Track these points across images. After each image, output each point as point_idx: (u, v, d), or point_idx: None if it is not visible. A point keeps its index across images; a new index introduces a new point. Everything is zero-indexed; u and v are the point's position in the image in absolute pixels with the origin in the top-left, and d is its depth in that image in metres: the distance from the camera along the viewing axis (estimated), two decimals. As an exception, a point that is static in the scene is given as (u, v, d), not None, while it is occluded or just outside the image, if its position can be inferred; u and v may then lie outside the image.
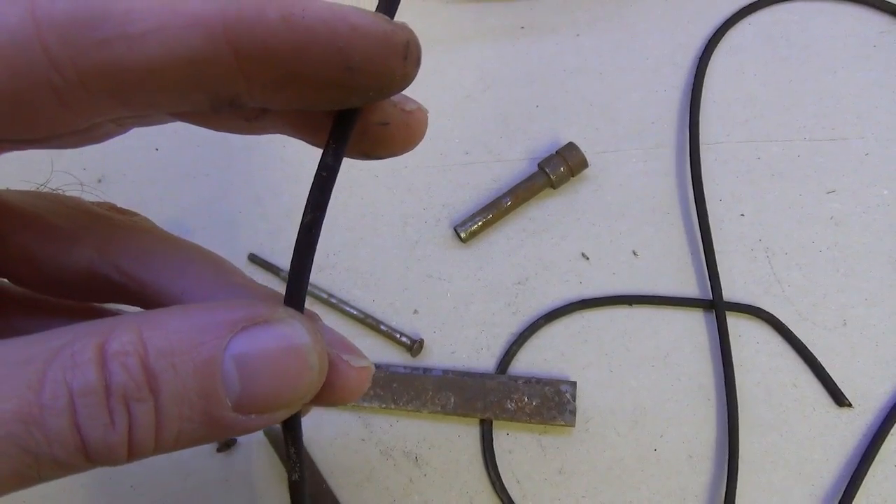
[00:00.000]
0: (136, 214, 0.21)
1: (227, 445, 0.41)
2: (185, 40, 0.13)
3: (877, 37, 0.49)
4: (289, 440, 0.18)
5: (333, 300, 0.43)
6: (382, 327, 0.43)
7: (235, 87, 0.14)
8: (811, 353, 0.41)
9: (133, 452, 0.14)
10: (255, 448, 0.41)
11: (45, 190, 0.21)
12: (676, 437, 0.40)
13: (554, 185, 0.45)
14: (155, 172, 0.47)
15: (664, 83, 0.48)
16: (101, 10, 0.13)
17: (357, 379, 0.18)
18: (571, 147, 0.45)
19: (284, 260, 0.45)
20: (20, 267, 0.19)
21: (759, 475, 0.39)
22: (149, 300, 0.19)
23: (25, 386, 0.13)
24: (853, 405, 0.40)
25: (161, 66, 0.13)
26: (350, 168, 0.47)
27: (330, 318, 0.43)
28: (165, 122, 0.18)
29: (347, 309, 0.43)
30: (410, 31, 0.15)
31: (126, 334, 0.14)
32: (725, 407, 0.40)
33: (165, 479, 0.41)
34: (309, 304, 0.44)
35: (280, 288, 0.19)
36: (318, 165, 0.16)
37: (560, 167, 0.44)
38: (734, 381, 0.40)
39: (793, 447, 0.40)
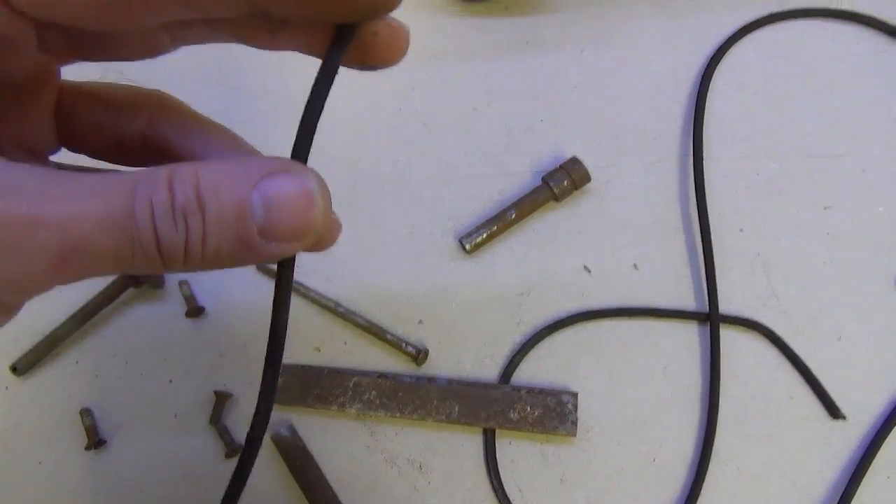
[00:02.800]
0: (176, 98, 0.26)
1: (234, 452, 0.42)
2: None
3: (874, 56, 0.50)
4: (283, 280, 0.22)
5: (341, 309, 0.44)
6: (388, 336, 0.43)
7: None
8: (807, 366, 0.42)
9: (188, 257, 0.18)
10: (263, 455, 0.41)
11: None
12: (675, 448, 0.41)
13: (557, 199, 0.46)
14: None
15: (666, 99, 0.49)
16: None
17: (330, 231, 0.24)
18: (575, 161, 0.46)
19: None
20: (91, 138, 0.25)
21: (755, 486, 0.40)
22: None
23: (123, 196, 0.17)
24: (847, 418, 0.41)
25: None
26: (358, 179, 0.48)
27: (337, 327, 0.44)
28: (209, 41, 0.23)
29: (354, 318, 0.44)
30: None
31: (186, 170, 0.18)
32: (717, 416, 0.41)
33: (174, 486, 0.41)
34: (316, 312, 0.45)
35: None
36: (322, 64, 0.21)
37: (564, 181, 0.45)
38: (718, 390, 0.42)
39: (788, 458, 0.40)
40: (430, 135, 0.49)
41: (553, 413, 0.41)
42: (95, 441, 0.42)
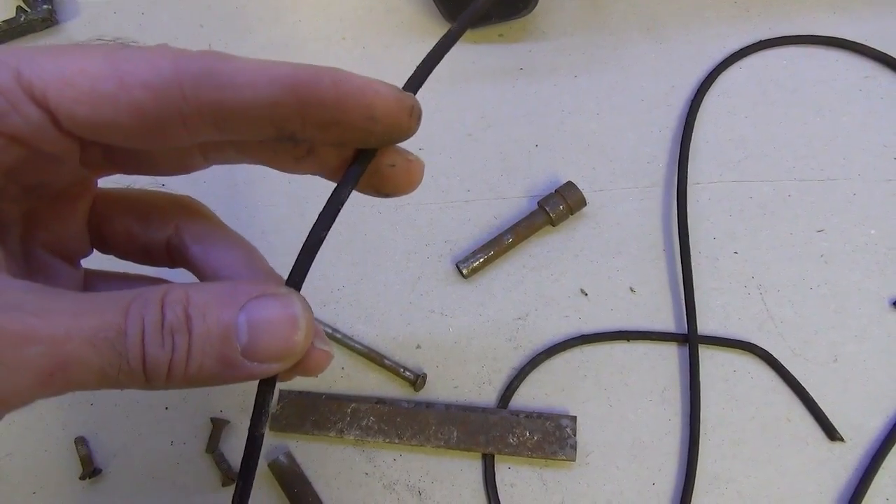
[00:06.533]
0: (203, 205, 0.28)
1: (231, 480, 0.41)
2: (267, 91, 0.19)
3: (861, 81, 0.51)
4: (260, 398, 0.22)
5: (338, 335, 0.44)
6: (386, 362, 0.43)
7: (295, 125, 0.20)
8: (804, 388, 0.42)
9: (171, 374, 0.19)
10: (261, 482, 0.41)
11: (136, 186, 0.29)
12: (674, 471, 0.41)
13: (553, 223, 0.46)
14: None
15: (658, 124, 0.50)
16: (218, 67, 0.19)
17: (318, 358, 0.23)
18: (570, 186, 0.46)
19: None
20: (122, 243, 0.26)
21: (755, 509, 0.40)
22: (200, 269, 0.26)
23: (118, 313, 0.18)
24: (845, 440, 0.41)
25: (250, 106, 0.19)
26: (354, 205, 0.48)
27: (334, 352, 0.44)
28: (238, 162, 0.25)
29: (351, 343, 0.44)
30: (415, 99, 0.21)
31: (178, 291, 0.19)
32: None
33: (170, 513, 0.41)
34: (314, 338, 0.45)
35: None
36: (336, 187, 0.22)
37: (559, 205, 0.46)
38: (699, 412, 0.42)
39: (787, 481, 0.40)
40: (426, 160, 0.49)
41: (552, 437, 0.41)
42: (90, 470, 0.41)
